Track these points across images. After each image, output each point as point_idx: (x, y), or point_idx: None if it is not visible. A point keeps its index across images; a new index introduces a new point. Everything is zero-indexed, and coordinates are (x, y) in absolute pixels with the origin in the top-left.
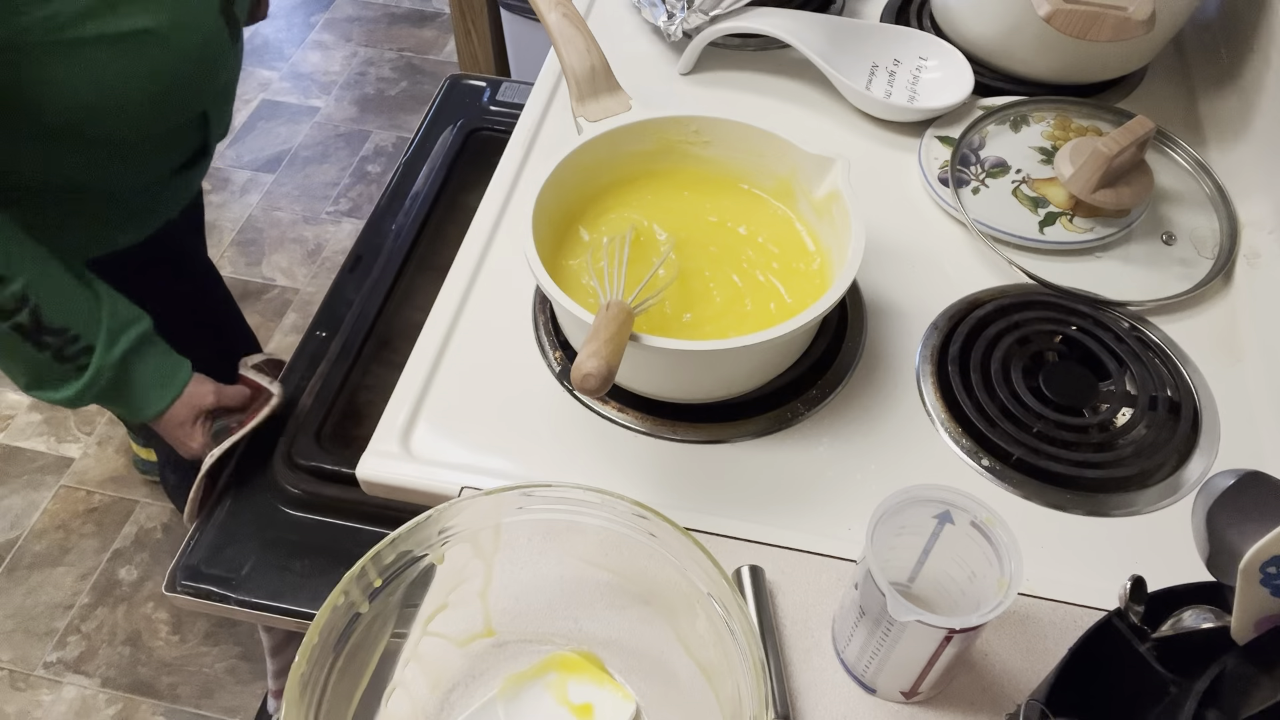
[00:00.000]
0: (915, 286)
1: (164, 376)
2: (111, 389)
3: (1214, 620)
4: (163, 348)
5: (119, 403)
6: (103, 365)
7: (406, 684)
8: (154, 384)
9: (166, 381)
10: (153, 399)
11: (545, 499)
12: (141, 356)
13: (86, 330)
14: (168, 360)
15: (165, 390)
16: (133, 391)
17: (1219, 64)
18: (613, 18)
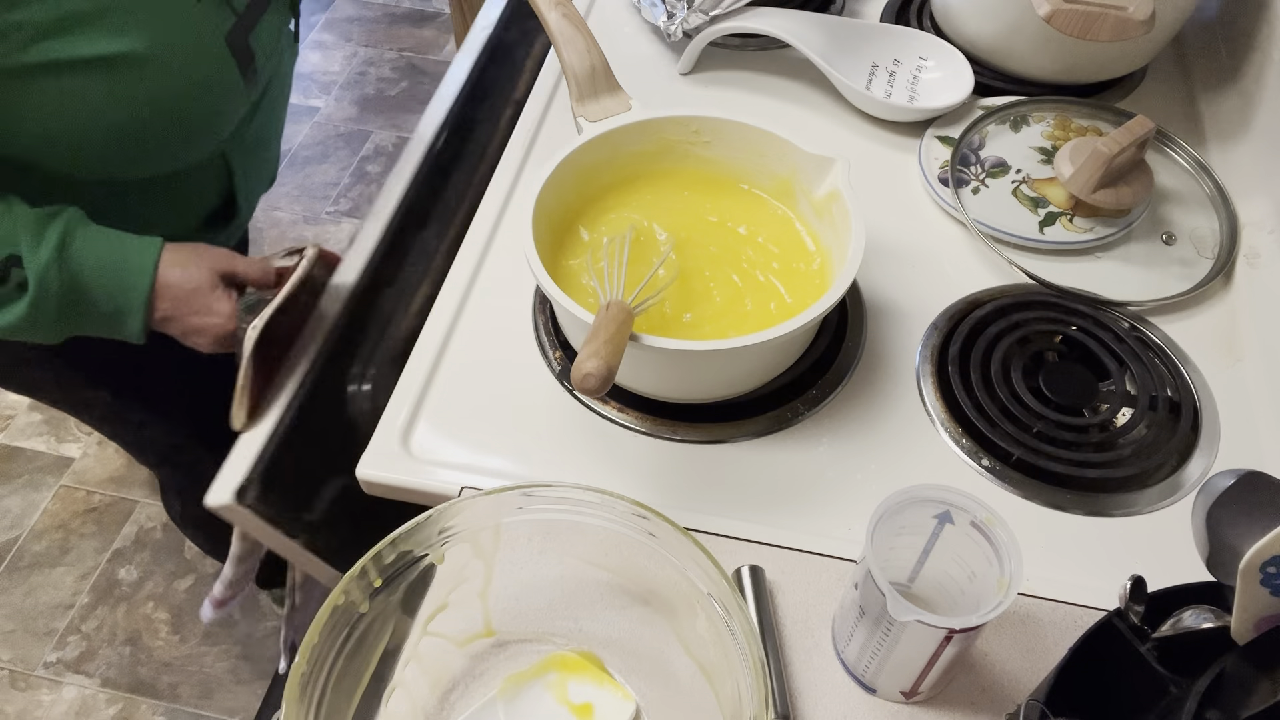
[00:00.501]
0: (915, 286)
1: (127, 250)
2: (70, 290)
3: (1214, 620)
4: (109, 228)
5: (93, 302)
6: (41, 266)
7: (406, 684)
8: (120, 260)
9: (135, 252)
10: (130, 275)
11: (545, 499)
12: (86, 240)
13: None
14: (123, 237)
15: (140, 257)
16: (99, 279)
17: (1219, 64)
18: (613, 18)
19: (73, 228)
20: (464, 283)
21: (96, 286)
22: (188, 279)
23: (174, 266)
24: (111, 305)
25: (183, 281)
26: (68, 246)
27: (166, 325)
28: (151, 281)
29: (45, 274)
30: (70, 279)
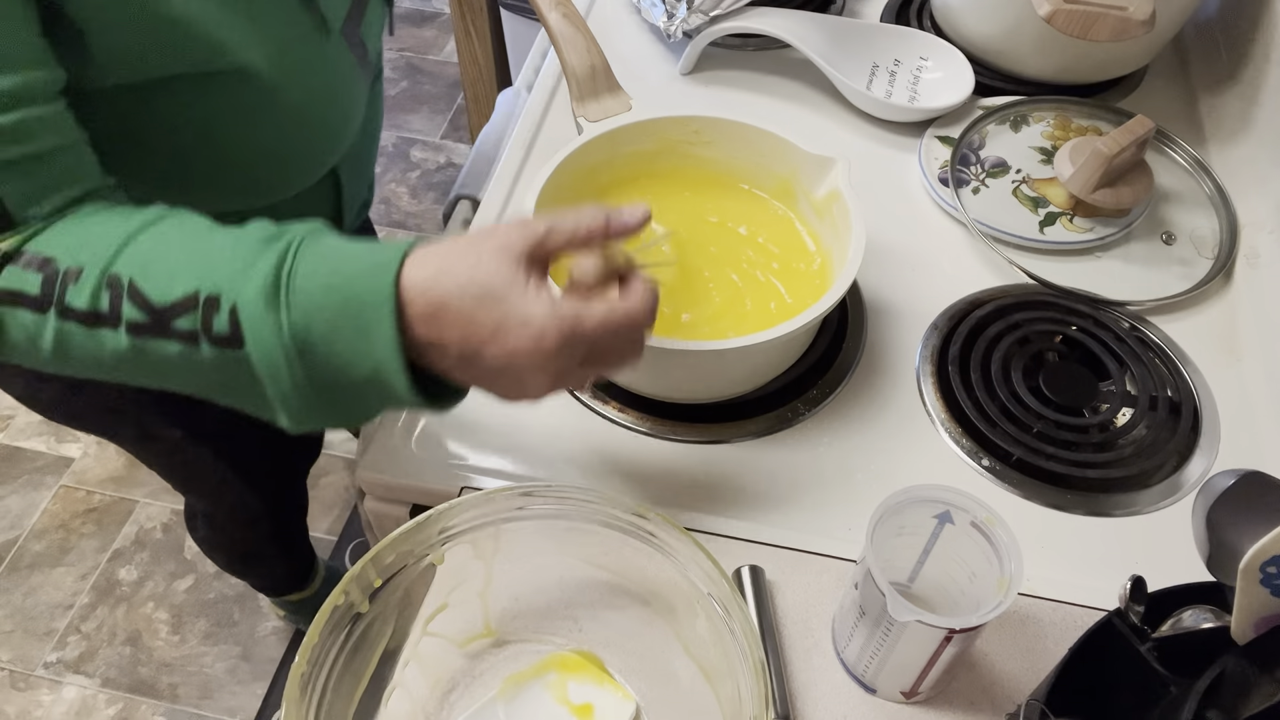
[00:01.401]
0: (915, 286)
1: (358, 265)
2: (300, 342)
3: (1214, 620)
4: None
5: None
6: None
7: (406, 684)
8: (348, 283)
9: (368, 268)
10: (367, 305)
11: (545, 499)
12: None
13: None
14: (353, 249)
15: (375, 276)
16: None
17: (1219, 64)
18: (613, 18)
19: (293, 249)
20: None
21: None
22: (464, 283)
23: (431, 270)
24: (357, 358)
25: (455, 290)
26: (287, 286)
27: (467, 370)
28: (393, 302)
29: (256, 320)
30: (298, 330)
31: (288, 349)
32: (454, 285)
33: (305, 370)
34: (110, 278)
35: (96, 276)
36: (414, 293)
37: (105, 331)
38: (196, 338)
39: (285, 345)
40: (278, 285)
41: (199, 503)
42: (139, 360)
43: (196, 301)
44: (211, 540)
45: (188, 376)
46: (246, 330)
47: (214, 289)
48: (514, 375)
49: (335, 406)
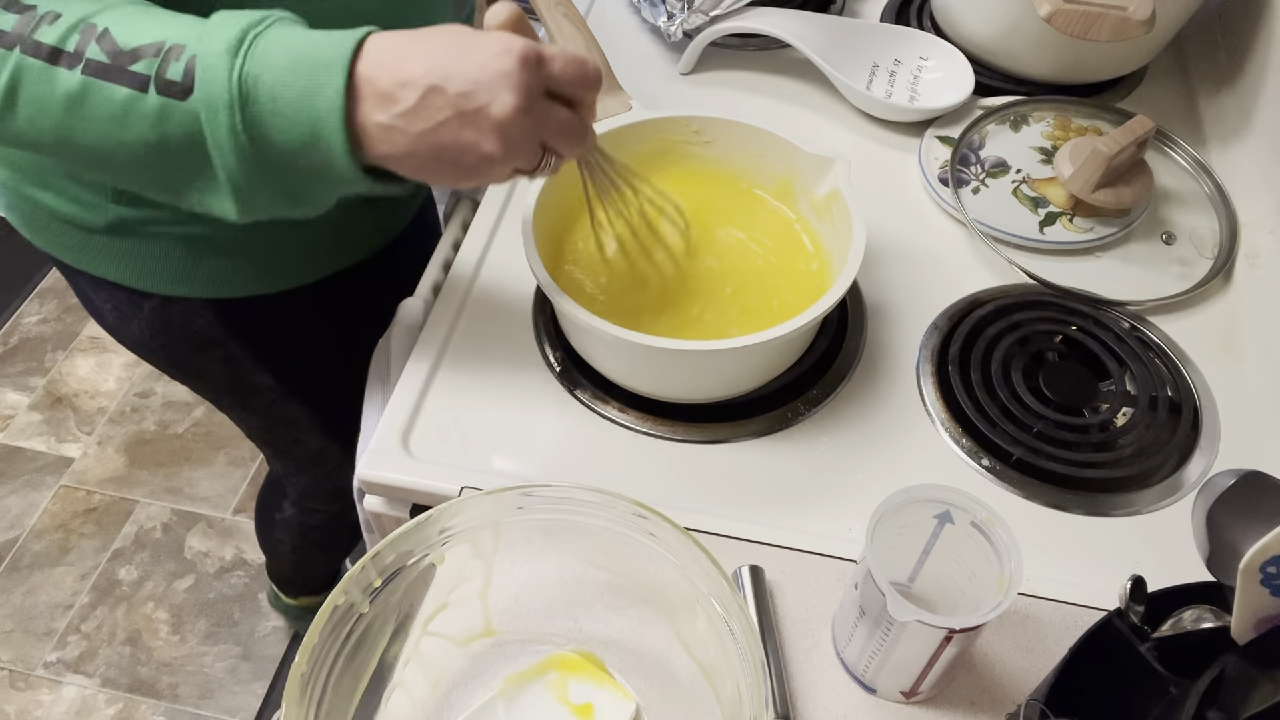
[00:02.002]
0: (915, 286)
1: (321, 39)
2: (250, 90)
3: (1214, 620)
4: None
5: (277, 105)
6: (210, 56)
7: (406, 684)
8: (308, 49)
9: (331, 38)
10: (321, 66)
11: (545, 499)
12: (273, 38)
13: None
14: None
15: (337, 40)
16: (284, 78)
17: (1219, 64)
18: (613, 18)
19: (267, 21)
20: (464, 283)
21: (280, 86)
22: (433, 30)
23: (393, 43)
24: (305, 98)
25: (424, 33)
26: (250, 43)
27: (425, 113)
28: (348, 61)
29: (211, 66)
30: (249, 78)
31: (232, 92)
32: (421, 37)
33: (244, 120)
34: (86, 24)
35: (74, 20)
36: (377, 46)
37: (61, 71)
38: (146, 83)
39: (230, 88)
40: (241, 40)
41: (295, 474)
42: (81, 109)
43: (160, 49)
44: (292, 525)
45: (123, 136)
46: (199, 74)
47: (180, 40)
48: (484, 92)
49: (272, 174)
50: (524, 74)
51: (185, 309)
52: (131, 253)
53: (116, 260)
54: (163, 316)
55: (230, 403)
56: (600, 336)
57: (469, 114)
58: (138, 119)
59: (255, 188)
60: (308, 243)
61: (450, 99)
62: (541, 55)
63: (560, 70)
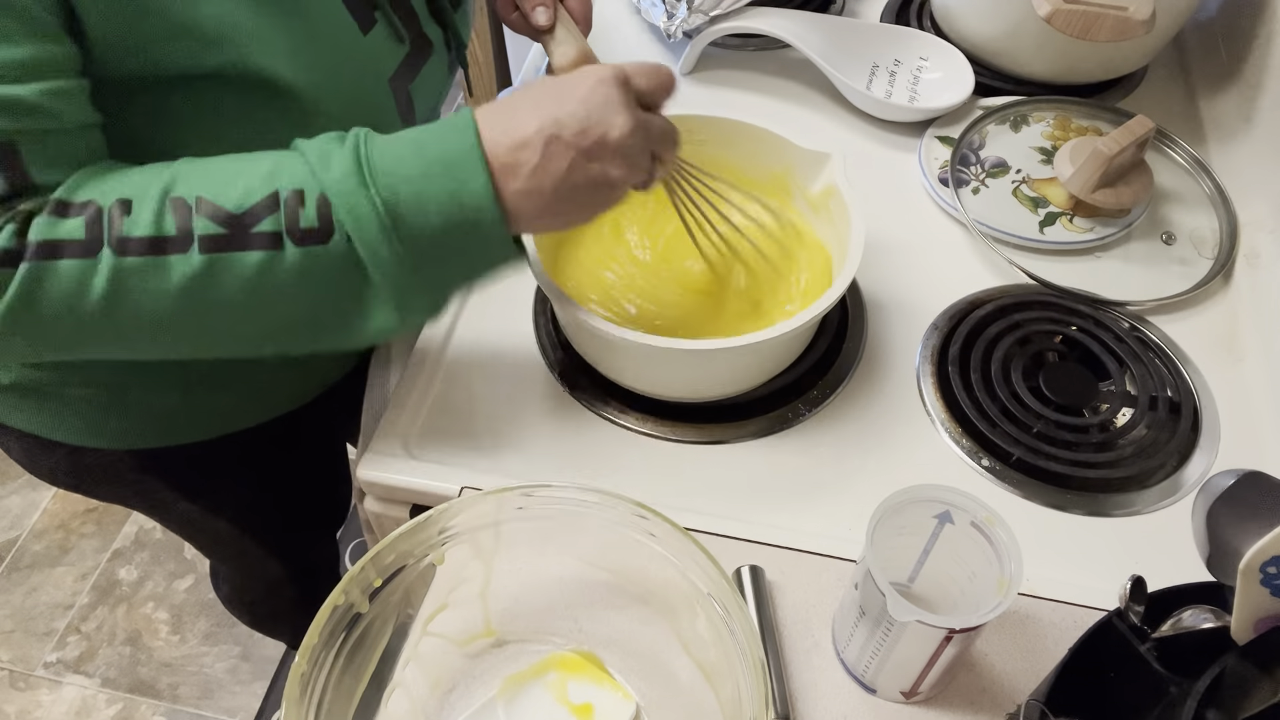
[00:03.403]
0: (915, 286)
1: (432, 129)
2: (392, 204)
3: (1214, 620)
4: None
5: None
6: (339, 185)
7: (406, 684)
8: (429, 139)
9: (443, 126)
10: (453, 146)
11: (545, 499)
12: (379, 145)
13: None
14: (420, 129)
15: (455, 122)
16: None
17: (1219, 64)
18: (613, 18)
19: (362, 138)
20: None
21: (422, 181)
22: (527, 110)
23: (495, 115)
24: (452, 199)
25: (522, 94)
26: (368, 164)
27: (552, 157)
28: (479, 148)
29: (351, 202)
30: (389, 201)
31: (383, 221)
32: (514, 101)
33: (402, 239)
34: (173, 200)
35: (156, 201)
36: (487, 122)
37: (173, 258)
38: (280, 240)
39: (381, 217)
40: (359, 165)
41: (220, 566)
42: (209, 288)
43: (278, 201)
44: (234, 600)
45: (260, 301)
46: (340, 213)
47: (294, 185)
48: (598, 124)
49: (435, 277)
50: (624, 94)
51: (99, 456)
52: (40, 409)
53: (24, 414)
54: (75, 461)
55: (146, 513)
56: (600, 336)
57: (589, 148)
58: (278, 277)
59: (416, 295)
60: (244, 398)
61: (568, 141)
62: (626, 74)
63: (644, 84)
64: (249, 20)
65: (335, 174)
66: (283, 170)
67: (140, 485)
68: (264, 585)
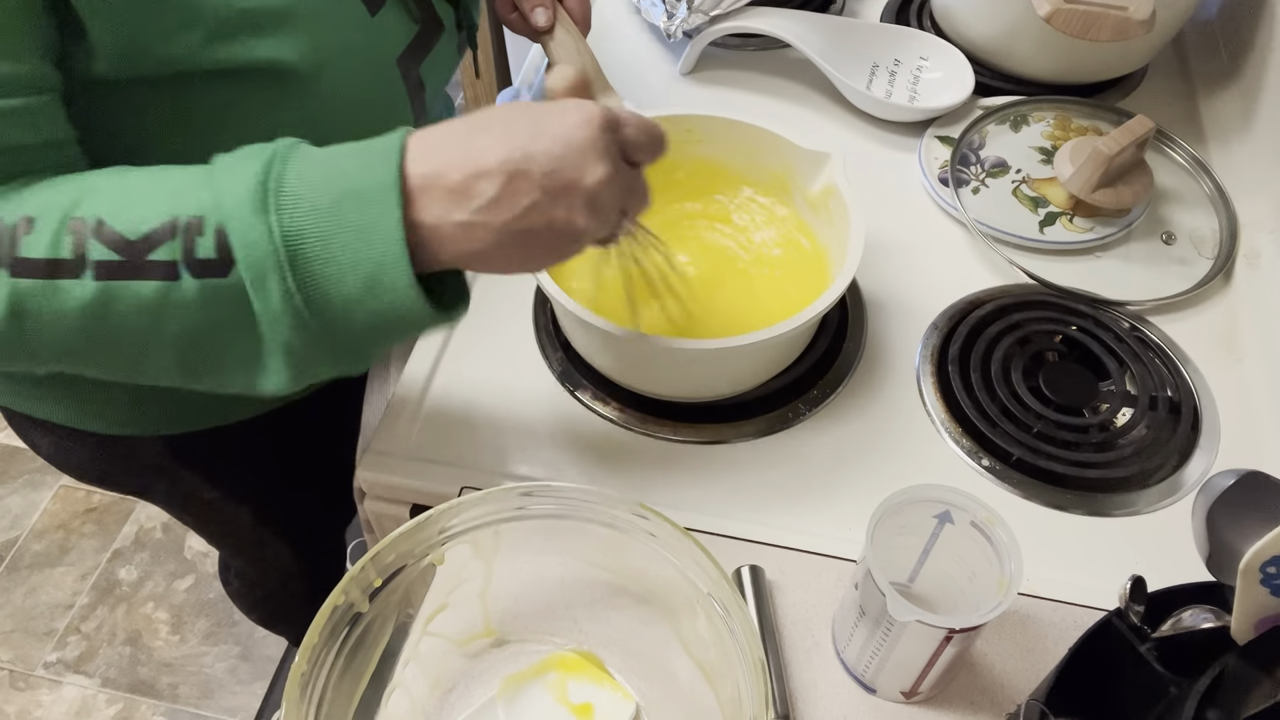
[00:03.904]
0: (915, 286)
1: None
2: (295, 236)
3: (1214, 620)
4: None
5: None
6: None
7: (406, 684)
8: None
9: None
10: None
11: (545, 499)
12: (302, 164)
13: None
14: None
15: (380, 162)
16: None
17: (1219, 64)
18: (612, 18)
19: (280, 154)
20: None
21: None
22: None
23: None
24: (361, 239)
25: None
26: (275, 192)
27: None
28: (397, 181)
29: (243, 233)
30: (290, 234)
31: (279, 255)
32: (476, 124)
33: (297, 280)
34: (72, 222)
35: (56, 221)
36: (426, 146)
37: (67, 283)
38: (176, 270)
39: (276, 250)
40: (264, 189)
41: (233, 559)
42: (106, 315)
43: (175, 228)
44: (244, 595)
45: (161, 331)
46: (235, 245)
47: (195, 211)
48: (573, 167)
49: (332, 332)
50: (607, 140)
51: (130, 444)
52: (72, 398)
53: (55, 405)
54: (107, 451)
55: (166, 506)
56: (600, 335)
57: (557, 191)
58: (176, 310)
59: (312, 353)
60: None
61: (536, 180)
62: (617, 119)
63: (633, 135)
64: (252, 3)
65: (235, 199)
66: (188, 191)
67: (169, 473)
68: (276, 579)
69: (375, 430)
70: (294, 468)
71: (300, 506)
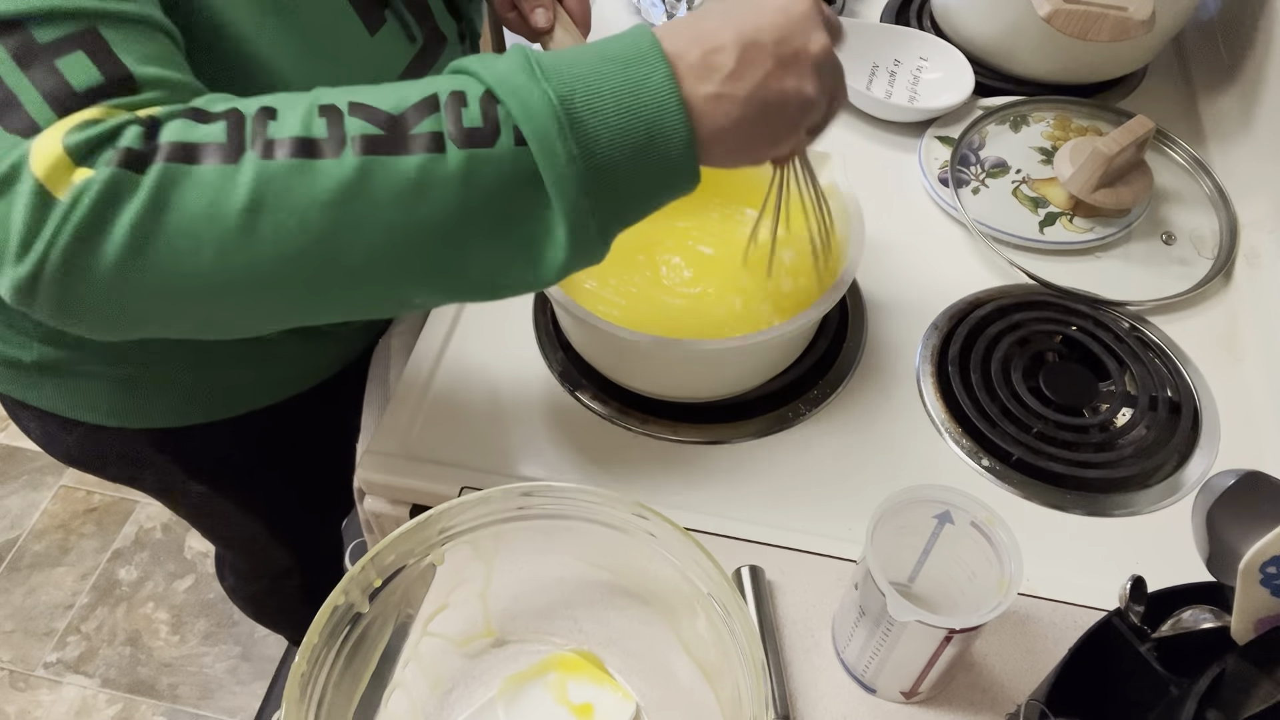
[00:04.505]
0: (915, 287)
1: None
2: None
3: (1214, 620)
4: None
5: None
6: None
7: (406, 684)
8: (607, 51)
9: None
10: (635, 52)
11: (545, 499)
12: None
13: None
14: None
15: (640, 49)
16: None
17: (1219, 64)
18: (612, 18)
19: (524, 48)
20: None
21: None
22: (721, 18)
23: (683, 24)
24: (633, 95)
25: (717, 25)
26: (537, 64)
27: (746, 68)
28: (658, 45)
29: (522, 97)
30: (563, 97)
31: (559, 116)
32: (700, 16)
33: (579, 142)
34: (323, 105)
35: (303, 107)
36: (669, 30)
37: (324, 162)
38: (441, 141)
39: (556, 112)
40: (529, 62)
41: (226, 552)
42: (360, 199)
43: (437, 102)
44: (239, 590)
45: (415, 210)
46: (509, 108)
47: (455, 87)
48: (799, 35)
49: (610, 196)
50: (820, 13)
51: (118, 435)
52: (61, 387)
53: (44, 392)
54: (94, 440)
55: (156, 496)
56: (600, 335)
57: (788, 59)
58: (439, 184)
59: (590, 221)
60: (257, 376)
61: (768, 49)
62: None
63: (829, 14)
64: (252, 30)
65: (502, 70)
66: (440, 79)
67: (155, 465)
68: (270, 574)
69: (375, 430)
70: (286, 465)
71: (292, 503)
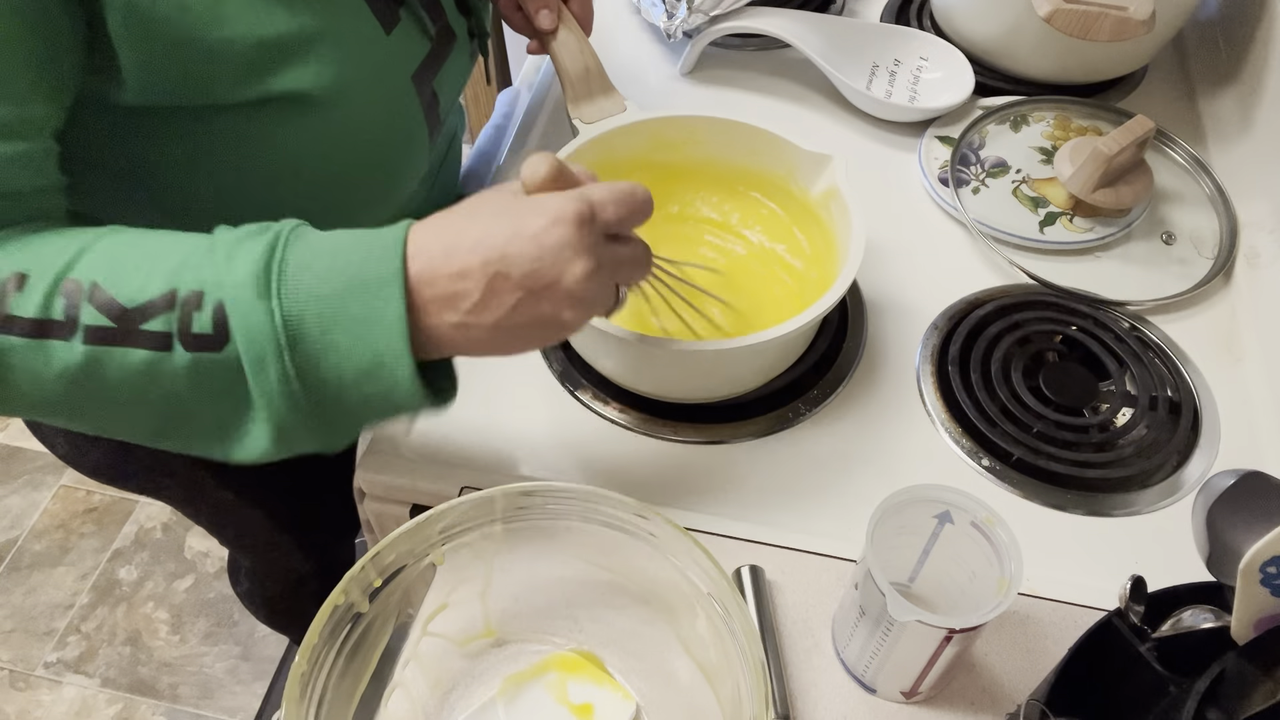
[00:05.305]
0: (915, 286)
1: (362, 244)
2: (297, 324)
3: (1214, 620)
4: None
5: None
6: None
7: (406, 684)
8: (352, 263)
9: (376, 243)
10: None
11: (545, 499)
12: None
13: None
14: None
15: (382, 247)
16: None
17: (1219, 64)
18: (613, 18)
19: (284, 237)
20: None
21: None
22: (473, 208)
23: (438, 234)
24: (363, 328)
25: (466, 221)
26: (279, 276)
27: (493, 301)
28: (401, 275)
29: (245, 313)
30: (291, 319)
31: (279, 339)
32: (464, 219)
33: (296, 364)
34: (66, 283)
35: (49, 281)
36: (422, 244)
37: (55, 344)
38: (169, 341)
39: (276, 334)
40: (268, 273)
41: (244, 558)
42: (91, 379)
43: (174, 300)
44: (254, 595)
45: (142, 398)
46: (234, 323)
47: (195, 286)
48: (550, 267)
49: (323, 412)
50: (583, 236)
51: (150, 448)
52: None
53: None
54: (123, 453)
55: (179, 506)
56: (600, 337)
57: (539, 291)
58: (164, 379)
59: (300, 429)
60: None
61: (516, 281)
62: (593, 208)
63: (614, 215)
64: (273, 34)
65: (238, 279)
66: (188, 264)
67: (184, 475)
68: (287, 580)
69: (375, 430)
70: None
71: (315, 509)
